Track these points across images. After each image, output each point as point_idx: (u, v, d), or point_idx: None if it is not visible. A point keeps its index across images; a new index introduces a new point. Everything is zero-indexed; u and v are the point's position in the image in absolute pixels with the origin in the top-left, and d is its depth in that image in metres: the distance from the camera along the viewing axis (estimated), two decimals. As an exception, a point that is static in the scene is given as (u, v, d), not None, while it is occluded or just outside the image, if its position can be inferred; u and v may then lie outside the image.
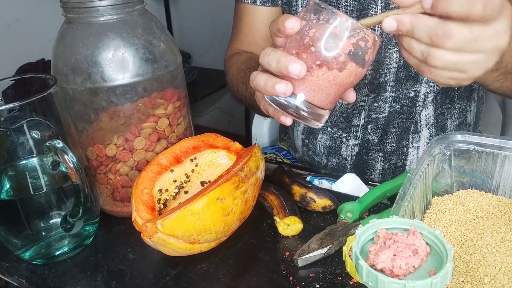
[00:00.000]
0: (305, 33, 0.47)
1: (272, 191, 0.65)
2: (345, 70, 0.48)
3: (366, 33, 0.47)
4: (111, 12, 0.59)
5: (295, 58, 0.47)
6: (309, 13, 0.48)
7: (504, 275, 0.46)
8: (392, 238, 0.41)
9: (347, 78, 0.49)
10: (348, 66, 0.48)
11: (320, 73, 0.48)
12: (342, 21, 0.46)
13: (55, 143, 0.53)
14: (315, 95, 0.50)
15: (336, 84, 0.49)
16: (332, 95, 0.50)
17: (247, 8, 0.89)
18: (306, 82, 0.49)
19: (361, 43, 0.47)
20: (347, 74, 0.48)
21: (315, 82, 0.48)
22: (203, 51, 2.48)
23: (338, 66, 0.47)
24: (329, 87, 0.49)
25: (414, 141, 0.84)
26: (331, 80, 0.48)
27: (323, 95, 0.50)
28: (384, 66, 0.77)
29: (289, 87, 0.48)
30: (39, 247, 0.59)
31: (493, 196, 0.58)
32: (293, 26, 0.47)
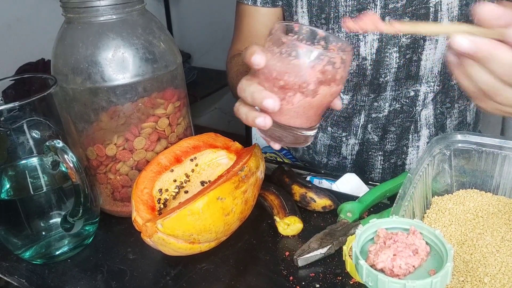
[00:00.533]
0: (272, 67, 0.47)
1: (272, 191, 0.66)
2: (319, 94, 0.48)
3: (331, 56, 0.47)
4: (111, 12, 0.59)
5: (268, 94, 0.48)
6: (273, 45, 0.48)
7: (504, 274, 0.46)
8: (392, 238, 0.41)
9: (322, 100, 0.49)
10: (320, 91, 0.48)
11: (295, 102, 0.48)
12: (304, 52, 0.46)
13: (55, 143, 0.53)
14: (295, 120, 0.50)
15: (313, 108, 0.49)
16: (312, 115, 0.51)
17: (248, 9, 0.89)
18: (284, 112, 0.49)
19: (328, 67, 0.47)
20: (322, 97, 0.48)
21: (292, 110, 0.49)
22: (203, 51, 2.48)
23: (311, 94, 0.48)
24: (307, 111, 0.50)
25: (414, 141, 0.84)
26: (307, 106, 0.49)
27: (303, 119, 0.50)
28: (384, 66, 0.77)
29: (268, 120, 0.49)
30: (39, 247, 0.59)
31: (493, 196, 0.58)
32: (259, 63, 0.47)
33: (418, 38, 0.74)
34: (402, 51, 0.75)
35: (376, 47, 0.76)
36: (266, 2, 0.86)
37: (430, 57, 0.76)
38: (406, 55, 0.76)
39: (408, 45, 0.75)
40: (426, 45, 0.75)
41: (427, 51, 0.75)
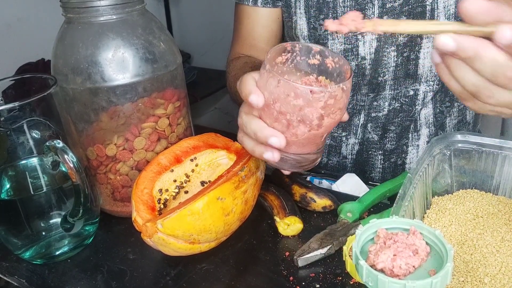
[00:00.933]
0: (272, 106, 0.46)
1: (272, 191, 0.65)
2: (323, 127, 0.47)
3: (332, 90, 0.45)
4: (111, 12, 0.59)
5: (272, 132, 0.47)
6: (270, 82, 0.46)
7: (504, 275, 0.46)
8: (392, 238, 0.41)
9: (327, 128, 0.48)
10: (324, 123, 0.47)
11: (300, 135, 0.48)
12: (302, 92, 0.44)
13: (55, 143, 0.53)
14: (303, 149, 0.50)
15: (319, 136, 0.49)
16: (319, 141, 0.50)
17: (247, 11, 0.89)
18: (290, 145, 0.49)
19: (330, 101, 0.46)
20: (326, 127, 0.48)
21: (298, 142, 0.49)
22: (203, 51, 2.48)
23: (315, 127, 0.47)
24: (313, 140, 0.49)
25: (414, 140, 0.84)
26: (312, 137, 0.48)
27: (311, 146, 0.50)
28: (382, 65, 0.77)
29: (276, 154, 0.49)
30: (39, 247, 0.59)
31: (493, 196, 0.58)
32: (257, 103, 0.46)
33: (415, 36, 0.74)
34: (399, 50, 0.75)
35: (374, 47, 0.76)
36: (266, 2, 0.86)
37: (428, 56, 0.76)
38: (403, 53, 0.76)
39: (405, 44, 0.75)
40: (423, 43, 0.75)
41: (424, 49, 0.75)
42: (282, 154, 0.50)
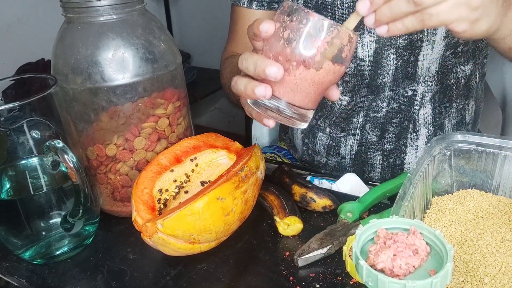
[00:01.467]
0: (280, 35, 0.47)
1: (272, 191, 0.65)
2: (322, 69, 0.48)
3: (340, 30, 0.47)
4: (111, 12, 0.59)
5: (272, 61, 0.47)
6: (283, 15, 0.48)
7: (504, 275, 0.46)
8: (392, 238, 0.41)
9: (325, 76, 0.48)
10: (324, 65, 0.48)
11: (298, 73, 0.48)
12: (314, 21, 0.46)
13: (55, 143, 0.53)
14: (294, 95, 0.50)
15: (315, 83, 0.49)
16: (312, 94, 0.50)
17: (242, 12, 0.89)
18: (284, 83, 0.49)
19: (336, 41, 0.47)
20: (325, 72, 0.48)
21: (293, 82, 0.48)
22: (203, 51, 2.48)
23: (315, 66, 0.47)
24: (308, 87, 0.49)
25: (413, 140, 0.84)
26: (309, 80, 0.48)
27: (303, 95, 0.50)
28: (382, 68, 0.77)
29: (268, 90, 0.48)
30: (39, 247, 0.59)
31: (493, 196, 0.58)
32: (268, 29, 0.47)
33: (415, 40, 0.74)
34: (399, 53, 0.75)
35: (373, 49, 0.76)
36: (261, 4, 0.86)
37: (427, 57, 0.76)
38: (403, 56, 0.76)
39: (405, 46, 0.75)
40: (423, 46, 0.75)
41: (424, 51, 0.75)
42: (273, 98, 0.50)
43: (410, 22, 0.46)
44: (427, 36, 0.74)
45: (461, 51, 0.77)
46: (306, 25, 0.46)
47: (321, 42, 0.47)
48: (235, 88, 0.52)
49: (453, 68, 0.79)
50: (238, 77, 0.52)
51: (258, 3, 0.86)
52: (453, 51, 0.76)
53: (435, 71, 0.78)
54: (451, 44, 0.75)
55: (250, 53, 0.50)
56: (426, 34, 0.74)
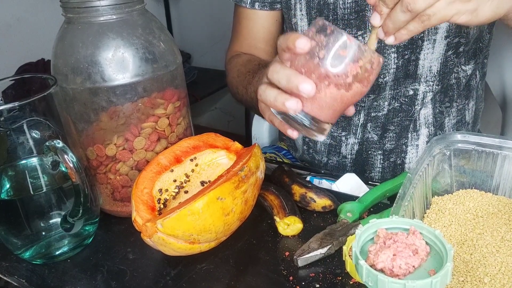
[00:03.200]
0: (315, 53, 0.48)
1: (272, 191, 0.66)
2: (351, 90, 0.49)
3: (373, 56, 0.49)
4: (111, 12, 0.59)
5: (306, 78, 0.48)
6: (319, 33, 0.49)
7: (504, 275, 0.46)
8: (392, 238, 0.41)
9: (352, 97, 0.50)
10: (354, 87, 0.49)
11: (328, 92, 0.49)
12: (351, 45, 0.48)
13: (55, 143, 0.53)
14: (322, 111, 0.51)
15: (342, 102, 0.51)
16: (337, 111, 0.52)
17: (246, 12, 0.89)
18: (314, 100, 0.50)
19: (368, 65, 0.49)
20: (353, 93, 0.50)
21: (323, 99, 0.50)
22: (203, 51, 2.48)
23: (345, 86, 0.49)
24: (335, 104, 0.51)
25: (413, 139, 0.84)
26: (338, 99, 0.50)
27: (330, 111, 0.51)
28: (383, 67, 0.77)
29: (299, 105, 0.49)
30: (39, 247, 0.59)
31: (493, 196, 0.58)
32: (304, 47, 0.48)
33: (416, 39, 0.74)
34: (400, 52, 0.75)
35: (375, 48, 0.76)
36: (264, 5, 0.86)
37: (428, 56, 0.76)
38: (404, 55, 0.76)
39: (406, 46, 0.75)
40: (424, 45, 0.75)
41: (425, 50, 0.75)
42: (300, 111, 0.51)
43: (413, 26, 0.48)
44: (428, 35, 0.74)
45: (463, 51, 0.77)
46: (341, 47, 0.48)
47: (354, 65, 0.48)
48: (263, 97, 0.53)
49: (454, 68, 0.80)
50: (267, 87, 0.52)
51: (261, 3, 0.86)
52: (455, 51, 0.76)
53: (437, 71, 0.78)
54: (453, 44, 0.75)
55: (281, 65, 0.51)
56: (427, 33, 0.74)
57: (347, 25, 0.76)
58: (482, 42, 0.82)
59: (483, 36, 0.81)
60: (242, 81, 0.82)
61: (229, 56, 0.94)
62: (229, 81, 0.90)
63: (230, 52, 0.95)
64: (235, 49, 0.94)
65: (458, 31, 0.74)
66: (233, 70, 0.88)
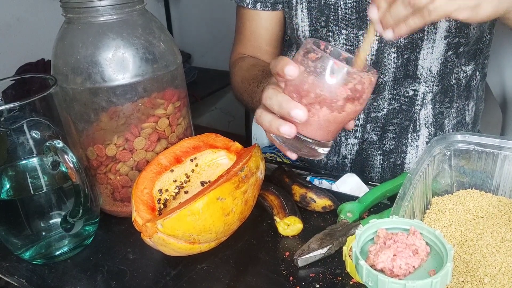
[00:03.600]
0: (304, 79, 0.49)
1: (272, 191, 0.65)
2: (344, 111, 0.50)
3: (363, 76, 0.49)
4: (111, 12, 0.59)
5: (296, 104, 0.49)
6: (307, 59, 0.49)
7: (504, 275, 0.46)
8: (392, 238, 0.41)
9: (346, 117, 0.51)
10: (346, 108, 0.50)
11: (321, 115, 0.50)
12: (338, 70, 0.48)
13: (55, 143, 0.53)
14: (317, 133, 0.52)
15: (337, 123, 0.51)
16: (333, 130, 0.53)
17: (248, 13, 0.89)
18: (308, 123, 0.51)
19: (358, 86, 0.49)
20: (347, 114, 0.50)
21: (317, 122, 0.51)
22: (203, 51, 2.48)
23: (338, 109, 0.49)
24: (330, 126, 0.51)
25: (413, 140, 0.84)
26: (332, 120, 0.50)
27: (325, 132, 0.52)
28: (383, 67, 0.77)
29: (293, 129, 0.50)
30: (39, 247, 0.59)
31: (493, 196, 0.58)
32: (292, 74, 0.49)
33: (416, 38, 0.74)
34: (400, 51, 0.75)
35: (375, 48, 0.76)
36: (266, 5, 0.86)
37: (428, 56, 0.76)
38: (404, 55, 0.76)
39: (405, 45, 0.75)
40: (423, 45, 0.75)
41: (424, 50, 0.75)
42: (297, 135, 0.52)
43: (413, 21, 0.48)
44: (427, 35, 0.74)
45: (463, 51, 0.77)
46: (330, 72, 0.48)
47: (344, 89, 0.48)
48: (259, 121, 0.54)
49: (454, 68, 0.79)
50: (262, 111, 0.54)
51: (262, 4, 0.86)
52: (455, 52, 0.76)
53: (437, 71, 0.78)
54: (453, 44, 0.75)
55: (274, 91, 0.52)
56: (427, 33, 0.74)
57: (348, 25, 0.76)
58: (483, 42, 0.82)
59: (483, 37, 0.81)
60: (247, 88, 0.82)
61: (234, 59, 0.94)
62: (234, 85, 0.90)
63: (234, 54, 0.95)
64: (239, 50, 0.94)
65: (458, 31, 0.74)
66: (237, 75, 0.88)
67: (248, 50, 0.92)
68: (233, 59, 0.94)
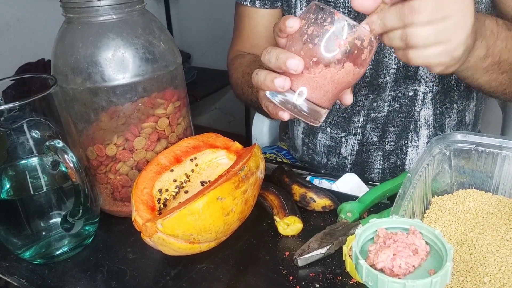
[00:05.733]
0: (304, 31, 0.49)
1: (272, 191, 0.66)
2: (343, 69, 0.49)
3: (362, 32, 0.48)
4: (111, 12, 0.59)
5: (293, 54, 0.49)
6: (309, 13, 0.49)
7: (504, 274, 0.46)
8: (392, 238, 0.41)
9: (344, 77, 0.50)
10: (345, 65, 0.49)
11: (318, 70, 0.49)
12: (338, 20, 0.47)
13: (55, 143, 0.53)
14: (313, 92, 0.51)
15: (334, 82, 0.50)
16: (329, 92, 0.51)
17: (247, 11, 0.89)
18: (304, 79, 0.50)
19: (357, 42, 0.48)
20: (345, 73, 0.49)
21: (313, 79, 0.50)
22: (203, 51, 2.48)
23: (335, 64, 0.48)
24: (327, 85, 0.50)
25: (413, 140, 0.84)
26: (329, 78, 0.49)
27: (321, 93, 0.51)
28: (383, 67, 0.77)
29: (287, 82, 0.50)
30: (39, 247, 0.59)
31: (493, 196, 0.58)
32: (293, 25, 0.49)
33: None
34: None
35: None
36: (264, 3, 0.86)
37: None
38: None
39: None
40: None
41: None
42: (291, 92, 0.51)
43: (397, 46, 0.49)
44: None
45: None
46: (330, 23, 0.48)
47: (343, 41, 0.48)
48: (255, 79, 0.53)
49: None
50: (259, 69, 0.53)
51: (261, 1, 0.86)
52: None
53: None
54: None
55: (273, 47, 0.52)
56: None
57: None
58: None
59: None
60: (248, 81, 0.82)
61: (232, 56, 0.94)
62: (233, 82, 0.90)
63: (232, 51, 0.95)
64: (237, 48, 0.93)
65: None
66: (237, 71, 0.88)
67: (247, 48, 0.92)
68: (231, 56, 0.94)
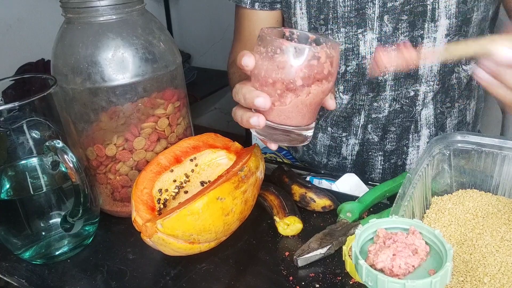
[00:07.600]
0: (260, 67, 0.48)
1: (272, 191, 0.66)
2: (310, 93, 0.48)
3: (316, 50, 0.46)
4: (111, 12, 0.59)
5: (259, 93, 0.48)
6: (260, 46, 0.48)
7: (504, 274, 0.46)
8: (392, 238, 0.41)
9: (314, 98, 0.49)
10: (311, 89, 0.48)
11: (288, 101, 0.48)
12: (287, 49, 0.46)
13: (55, 143, 0.53)
14: (291, 119, 0.50)
15: (306, 105, 0.49)
16: (307, 114, 0.50)
17: (246, 13, 0.89)
18: (277, 111, 0.49)
19: (313, 62, 0.46)
20: (314, 94, 0.48)
21: (285, 109, 0.49)
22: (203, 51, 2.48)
23: (301, 91, 0.47)
24: (301, 109, 0.49)
25: (414, 140, 0.84)
26: (300, 104, 0.49)
27: (299, 117, 0.50)
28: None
29: (261, 119, 0.50)
30: (39, 247, 0.59)
31: (492, 196, 0.58)
32: (247, 63, 0.49)
33: (416, 36, 0.74)
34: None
35: (375, 46, 0.76)
36: (264, 5, 0.86)
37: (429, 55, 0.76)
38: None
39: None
40: (424, 43, 0.75)
41: (425, 49, 0.75)
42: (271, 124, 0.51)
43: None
44: (428, 33, 0.74)
45: None
46: (280, 54, 0.46)
47: (300, 68, 0.46)
48: (235, 118, 0.54)
49: (454, 67, 0.80)
50: (236, 108, 0.54)
51: (261, 3, 0.86)
52: None
53: (437, 70, 0.78)
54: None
55: (240, 85, 0.52)
56: (427, 31, 0.74)
57: (347, 23, 0.76)
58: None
59: (483, 36, 0.81)
60: None
61: (232, 59, 0.94)
62: (232, 85, 0.90)
63: (233, 53, 0.95)
64: (238, 51, 0.93)
65: (458, 30, 0.74)
66: (235, 75, 0.88)
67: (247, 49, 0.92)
68: (231, 59, 0.94)
